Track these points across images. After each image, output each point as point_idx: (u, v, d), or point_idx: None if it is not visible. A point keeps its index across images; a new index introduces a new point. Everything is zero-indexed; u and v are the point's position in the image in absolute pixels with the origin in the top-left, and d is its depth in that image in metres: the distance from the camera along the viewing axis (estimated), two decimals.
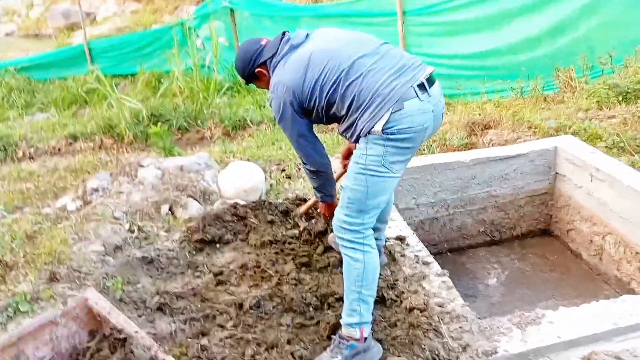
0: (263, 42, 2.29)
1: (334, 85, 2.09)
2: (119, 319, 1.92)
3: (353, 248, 2.11)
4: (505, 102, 5.33)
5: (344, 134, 2.23)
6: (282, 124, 2.22)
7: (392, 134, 2.02)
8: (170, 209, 3.31)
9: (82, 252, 2.68)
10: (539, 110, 4.73)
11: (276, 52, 2.23)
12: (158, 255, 2.78)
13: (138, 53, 8.67)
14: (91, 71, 8.29)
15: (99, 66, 8.31)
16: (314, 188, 2.46)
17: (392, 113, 2.00)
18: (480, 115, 4.95)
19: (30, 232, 2.89)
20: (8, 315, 2.24)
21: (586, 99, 4.58)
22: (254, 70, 2.28)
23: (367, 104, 2.05)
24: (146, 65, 8.35)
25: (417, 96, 2.03)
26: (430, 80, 2.09)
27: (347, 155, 2.60)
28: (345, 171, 2.66)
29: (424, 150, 4.63)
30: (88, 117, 7.11)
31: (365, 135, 2.06)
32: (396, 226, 2.99)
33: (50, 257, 2.57)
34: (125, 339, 1.85)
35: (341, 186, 2.17)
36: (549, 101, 5.07)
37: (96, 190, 3.66)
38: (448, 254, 3.73)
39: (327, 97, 2.11)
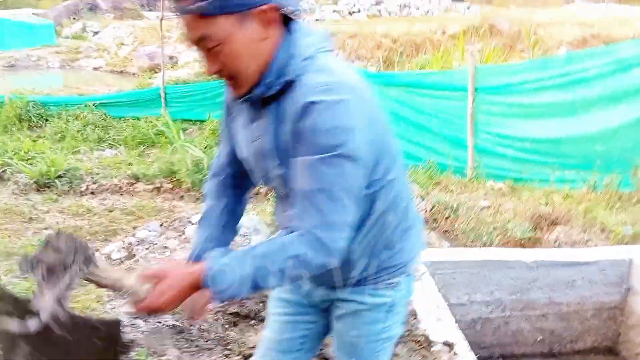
0: None
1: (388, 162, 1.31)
2: None
3: None
4: (576, 195, 5.02)
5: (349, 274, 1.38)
6: (338, 161, 1.14)
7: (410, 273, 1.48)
8: None
9: (114, 312, 2.61)
10: (613, 209, 4.40)
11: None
12: (190, 325, 2.67)
13: (209, 101, 8.96)
14: (163, 115, 8.60)
15: (170, 110, 8.62)
16: (269, 281, 1.18)
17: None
18: (547, 205, 4.67)
19: None
20: None
21: None
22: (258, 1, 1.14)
23: (412, 223, 1.44)
24: (215, 114, 8.58)
25: None
26: None
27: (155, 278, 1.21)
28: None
29: (482, 237, 4.39)
30: (153, 158, 7.30)
31: (385, 278, 1.39)
32: (445, 327, 2.75)
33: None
34: None
35: None
36: (624, 200, 4.73)
37: (143, 241, 3.65)
38: None
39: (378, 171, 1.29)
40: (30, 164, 6.35)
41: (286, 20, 1.24)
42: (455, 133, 6.39)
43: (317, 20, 19.97)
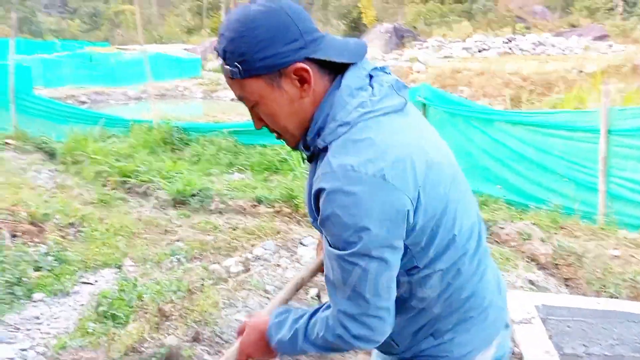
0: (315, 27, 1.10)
1: (448, 239, 1.14)
2: None
3: None
4: None
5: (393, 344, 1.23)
6: (356, 260, 1.05)
7: None
8: (317, 295, 3.37)
9: (228, 318, 2.84)
10: None
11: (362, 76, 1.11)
12: None
13: None
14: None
15: None
16: (302, 349, 1.21)
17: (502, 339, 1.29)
18: None
19: (193, 287, 3.16)
20: None
21: None
22: (289, 60, 1.05)
23: (477, 314, 1.22)
24: None
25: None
26: None
27: None
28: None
29: (608, 288, 4.08)
30: (275, 184, 7.74)
31: None
32: None
33: (200, 317, 2.77)
34: None
35: None
36: None
37: (259, 258, 3.91)
38: None
39: (429, 246, 1.12)
40: (170, 182, 7.06)
41: (341, 68, 1.12)
42: (585, 176, 6.02)
43: (445, 57, 19.93)
